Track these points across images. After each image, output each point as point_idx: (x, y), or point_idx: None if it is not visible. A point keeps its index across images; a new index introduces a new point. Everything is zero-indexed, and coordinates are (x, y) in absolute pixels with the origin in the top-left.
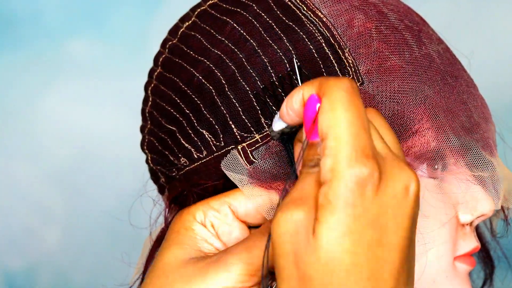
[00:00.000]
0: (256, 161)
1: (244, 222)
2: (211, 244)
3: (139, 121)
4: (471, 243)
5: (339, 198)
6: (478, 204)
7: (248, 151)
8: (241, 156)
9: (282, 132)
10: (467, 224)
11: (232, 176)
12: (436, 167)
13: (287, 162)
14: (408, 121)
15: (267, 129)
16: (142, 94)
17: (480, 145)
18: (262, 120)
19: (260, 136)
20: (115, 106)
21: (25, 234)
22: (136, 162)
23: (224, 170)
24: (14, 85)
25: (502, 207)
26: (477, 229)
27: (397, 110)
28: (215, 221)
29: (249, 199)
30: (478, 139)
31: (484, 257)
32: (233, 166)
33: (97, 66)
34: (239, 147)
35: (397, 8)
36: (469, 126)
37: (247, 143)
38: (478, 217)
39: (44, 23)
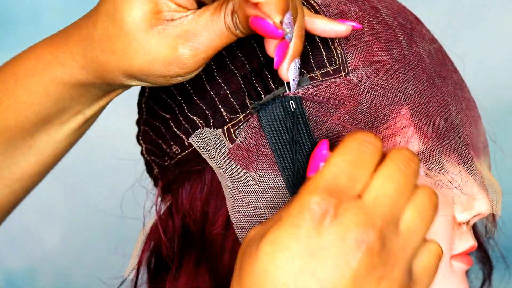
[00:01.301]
0: (237, 139)
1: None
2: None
3: None
4: (467, 242)
5: (289, 217)
6: (475, 203)
7: (232, 130)
8: (225, 136)
9: (258, 104)
10: (464, 223)
11: (202, 149)
12: (432, 166)
13: (262, 132)
14: (383, 116)
15: (249, 107)
16: None
17: (447, 152)
18: (247, 100)
19: (243, 115)
20: (115, 105)
21: (25, 234)
22: (137, 161)
23: (192, 142)
24: None
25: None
26: (475, 229)
27: (375, 103)
28: None
29: (221, 175)
30: (446, 145)
31: (482, 257)
32: (204, 139)
33: None
34: (225, 128)
35: (391, 6)
36: (443, 131)
37: (232, 123)
38: (475, 216)
39: (44, 23)
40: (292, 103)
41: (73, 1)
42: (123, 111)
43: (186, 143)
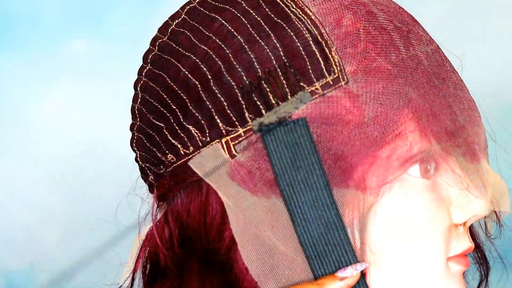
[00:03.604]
0: (237, 154)
1: None
2: None
3: None
4: (464, 244)
5: None
6: (471, 204)
7: (231, 145)
8: (223, 149)
9: (260, 123)
10: (461, 225)
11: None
12: (428, 167)
13: (265, 156)
14: (391, 123)
15: (250, 123)
16: None
17: (461, 151)
18: (247, 114)
19: (243, 130)
20: (114, 106)
21: (25, 234)
22: (134, 167)
23: (191, 166)
24: (13, 85)
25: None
26: (471, 230)
27: (381, 112)
28: None
29: (219, 190)
30: (460, 144)
31: (479, 258)
32: (204, 163)
33: (96, 66)
34: (223, 141)
35: (387, 8)
36: (452, 130)
37: (231, 136)
38: (471, 217)
39: (44, 23)
40: (300, 128)
41: (73, 1)
42: (121, 116)
43: (182, 152)
